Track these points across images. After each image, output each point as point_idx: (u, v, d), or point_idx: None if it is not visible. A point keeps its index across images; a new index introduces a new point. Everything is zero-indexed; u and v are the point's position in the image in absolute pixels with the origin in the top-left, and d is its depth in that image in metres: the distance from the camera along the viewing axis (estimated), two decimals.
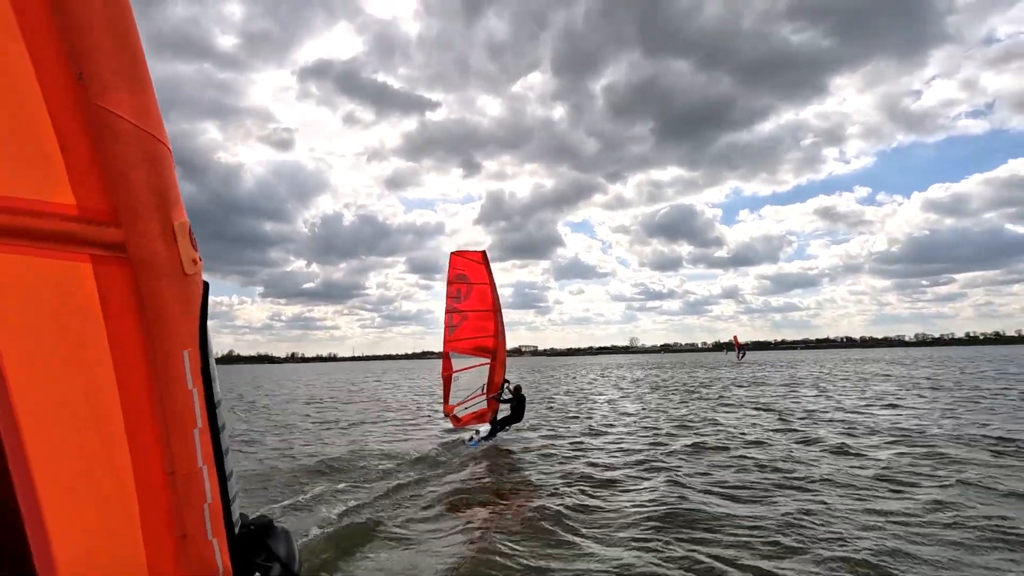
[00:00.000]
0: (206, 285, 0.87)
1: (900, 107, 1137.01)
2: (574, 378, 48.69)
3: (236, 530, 0.87)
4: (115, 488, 0.82)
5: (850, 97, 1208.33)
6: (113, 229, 0.78)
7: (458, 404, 13.21)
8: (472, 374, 13.77)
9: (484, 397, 13.65)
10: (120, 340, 0.82)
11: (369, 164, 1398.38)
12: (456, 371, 13.40)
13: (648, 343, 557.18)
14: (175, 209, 0.82)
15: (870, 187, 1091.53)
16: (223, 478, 0.86)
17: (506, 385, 13.78)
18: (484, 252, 14.27)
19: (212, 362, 0.87)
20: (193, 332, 0.85)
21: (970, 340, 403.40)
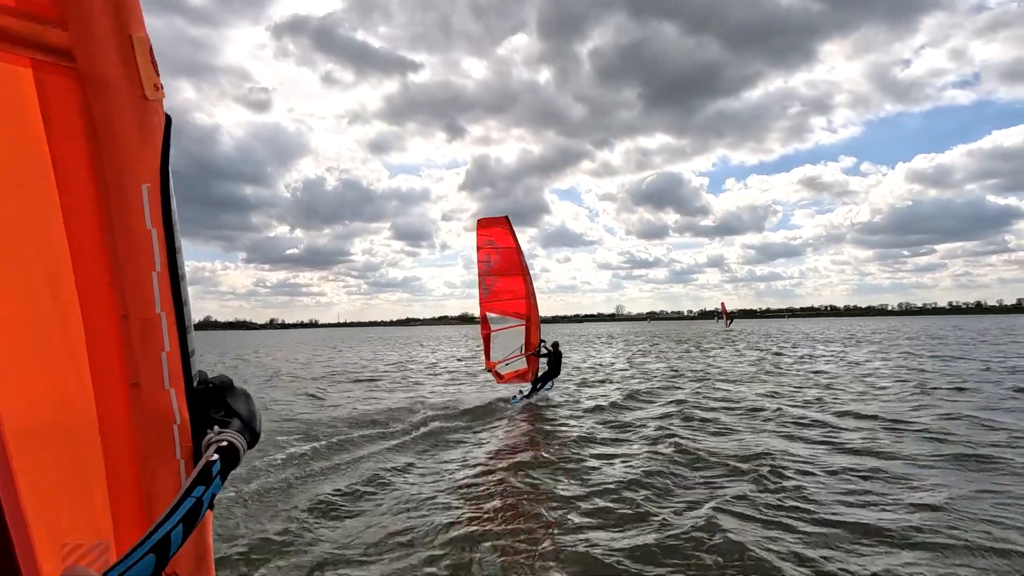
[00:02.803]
0: (168, 119, 0.78)
1: (889, 76, 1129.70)
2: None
3: (195, 384, 0.83)
4: (61, 330, 0.76)
5: (839, 65, 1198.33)
6: (59, 31, 0.69)
7: (500, 361, 13.82)
8: (510, 334, 14.29)
9: (523, 356, 14.23)
10: (67, 165, 0.73)
11: (351, 127, 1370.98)
12: (494, 330, 13.99)
13: (634, 311, 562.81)
14: (134, 20, 0.71)
15: (855, 157, 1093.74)
16: (183, 328, 0.81)
17: (543, 343, 14.37)
18: (507, 217, 14.66)
19: (173, 204, 0.79)
20: (154, 166, 0.76)
21: (952, 310, 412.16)
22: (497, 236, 14.36)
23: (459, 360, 30.53)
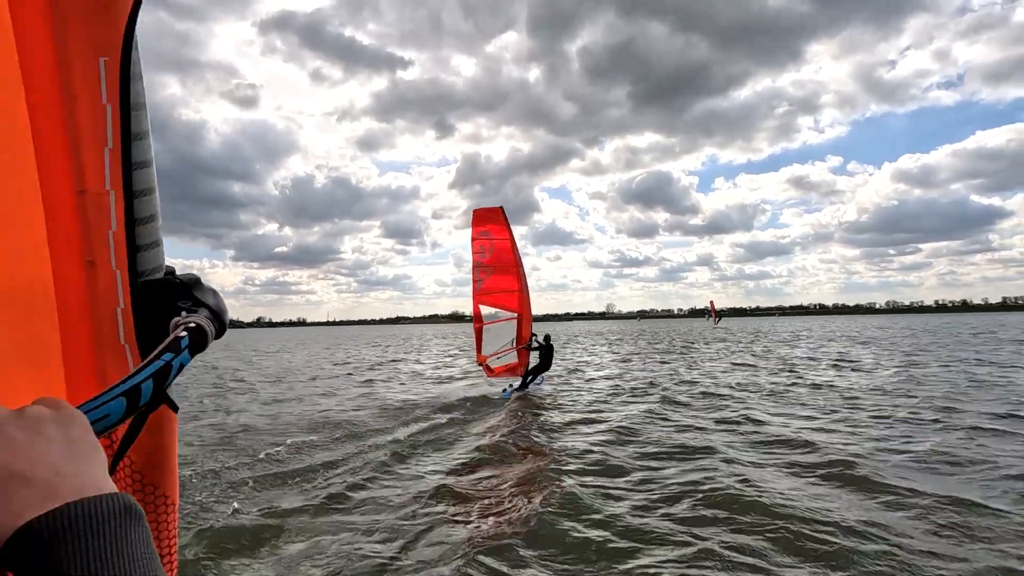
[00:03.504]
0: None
1: (875, 76, 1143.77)
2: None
3: (161, 274, 0.83)
4: (19, 205, 0.73)
5: (826, 65, 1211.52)
6: None
7: (491, 355, 13.54)
8: (502, 327, 14.04)
9: (514, 350, 13.97)
10: (28, 34, 0.70)
11: (340, 124, 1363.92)
12: (486, 324, 13.70)
13: (625, 309, 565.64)
14: None
15: (842, 156, 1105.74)
16: (131, 208, 0.78)
17: (534, 336, 14.18)
18: (502, 208, 14.40)
19: (138, 86, 0.76)
20: (115, 39, 0.72)
21: (939, 308, 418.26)
22: (493, 228, 14.13)
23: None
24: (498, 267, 14.09)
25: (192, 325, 0.75)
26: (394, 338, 70.82)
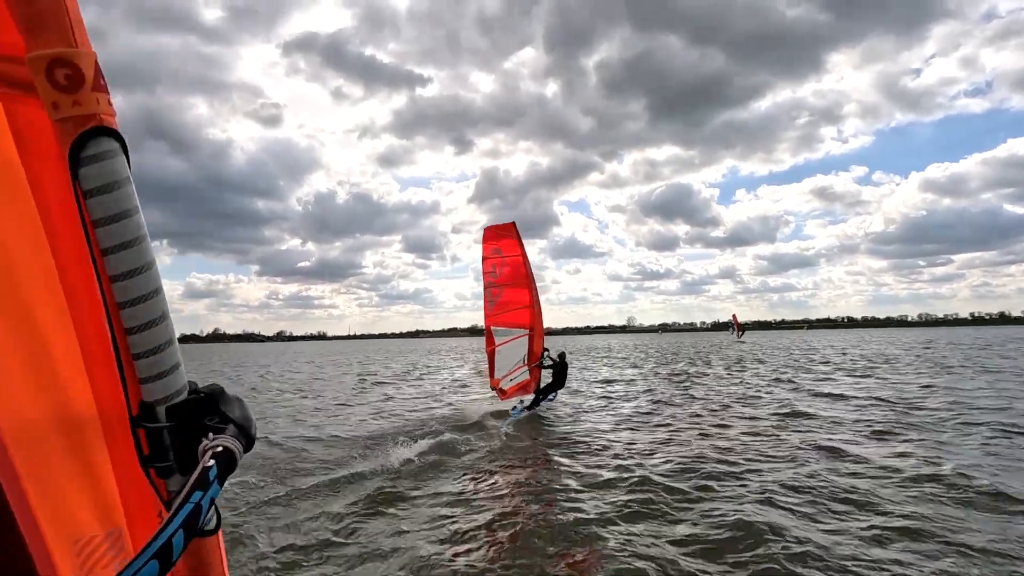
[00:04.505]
0: (110, 138, 0.76)
1: (898, 85, 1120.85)
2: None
3: (185, 395, 0.84)
4: (57, 329, 0.83)
5: (847, 75, 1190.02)
6: (24, 67, 0.72)
7: (503, 377, 13.14)
8: (514, 346, 13.67)
9: (526, 368, 13.57)
10: (41, 186, 0.81)
11: (360, 141, 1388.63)
12: (498, 345, 13.33)
13: (646, 323, 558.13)
14: (46, 34, 0.71)
15: (867, 167, 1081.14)
16: (123, 332, 0.80)
17: (546, 352, 13.77)
18: (514, 223, 14.19)
19: (94, 224, 0.78)
20: (60, 187, 0.79)
21: (975, 320, 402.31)
22: (504, 246, 13.91)
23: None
24: (510, 284, 13.82)
25: (220, 449, 0.76)
26: (399, 351, 71.02)
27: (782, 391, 16.89)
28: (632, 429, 11.36)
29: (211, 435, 0.78)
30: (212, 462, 0.72)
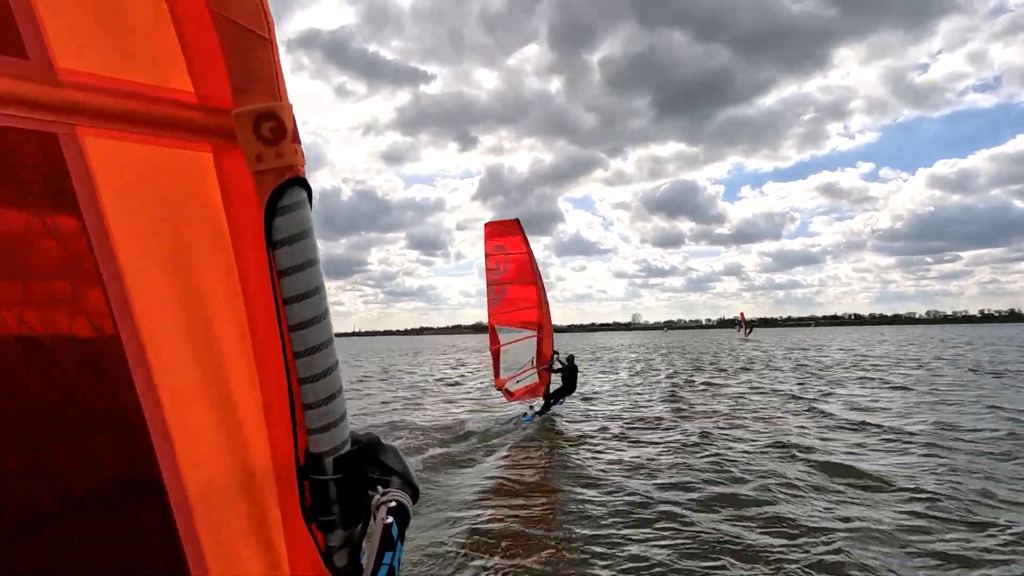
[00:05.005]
0: (302, 188, 0.78)
1: (905, 81, 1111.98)
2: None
3: (348, 446, 0.82)
4: (245, 383, 0.82)
5: (854, 70, 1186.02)
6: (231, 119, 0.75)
7: (509, 378, 12.61)
8: (521, 347, 13.13)
9: (535, 370, 13.07)
10: (242, 237, 0.81)
11: (365, 138, 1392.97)
12: (503, 344, 12.78)
13: (651, 320, 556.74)
14: (255, 88, 0.74)
15: (874, 163, 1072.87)
16: (314, 392, 0.80)
17: (556, 356, 13.26)
18: (518, 220, 13.67)
19: (288, 274, 0.79)
20: (255, 235, 0.79)
21: (985, 318, 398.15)
22: (508, 242, 13.34)
23: None
24: (516, 281, 13.26)
25: (394, 505, 0.75)
26: (399, 350, 70.02)
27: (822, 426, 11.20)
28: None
29: (380, 488, 0.77)
30: (391, 519, 0.71)
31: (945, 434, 10.10)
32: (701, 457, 8.65)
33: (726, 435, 10.34)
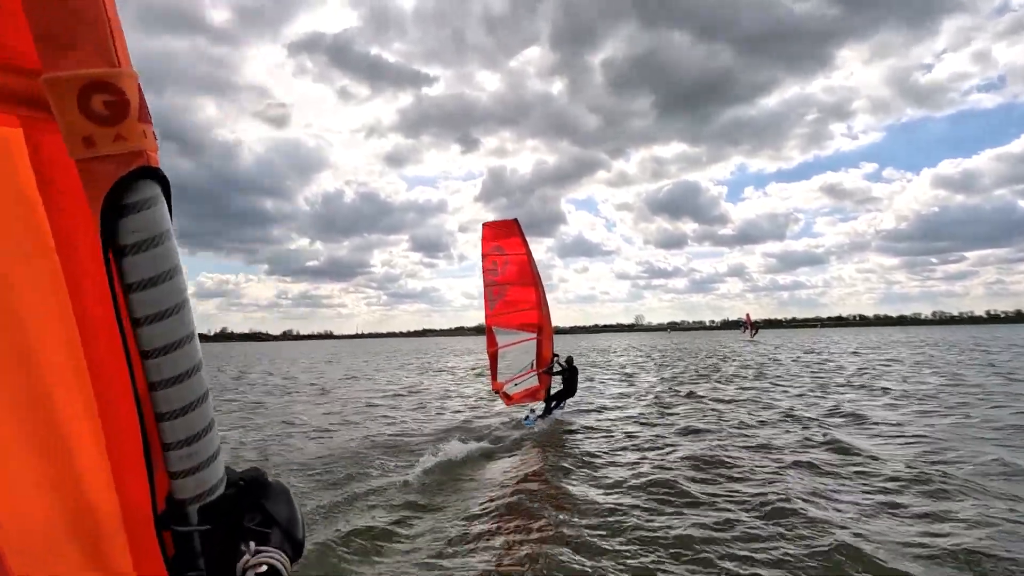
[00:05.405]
0: (155, 181, 0.62)
1: (909, 81, 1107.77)
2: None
3: (220, 490, 0.70)
4: (79, 402, 0.70)
5: (857, 70, 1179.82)
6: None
7: (507, 381, 12.27)
8: (519, 349, 12.80)
9: (534, 374, 12.75)
10: (64, 232, 0.65)
11: (367, 140, 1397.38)
12: (502, 347, 12.41)
13: (654, 321, 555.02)
14: (77, 47, 0.56)
15: (878, 163, 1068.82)
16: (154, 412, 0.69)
17: (556, 358, 12.96)
18: (516, 220, 13.30)
19: (124, 274, 0.64)
20: (87, 234, 0.63)
21: (991, 318, 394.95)
22: (507, 244, 12.98)
23: None
24: (515, 282, 12.92)
25: (263, 570, 0.64)
26: (382, 353, 69.58)
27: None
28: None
29: (252, 545, 0.66)
30: None
31: None
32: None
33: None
